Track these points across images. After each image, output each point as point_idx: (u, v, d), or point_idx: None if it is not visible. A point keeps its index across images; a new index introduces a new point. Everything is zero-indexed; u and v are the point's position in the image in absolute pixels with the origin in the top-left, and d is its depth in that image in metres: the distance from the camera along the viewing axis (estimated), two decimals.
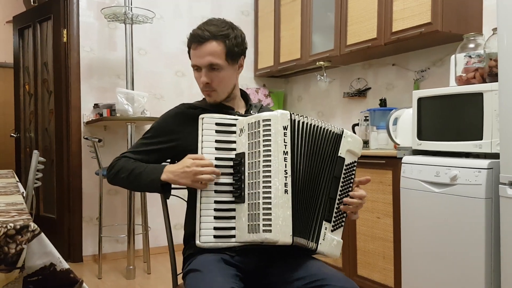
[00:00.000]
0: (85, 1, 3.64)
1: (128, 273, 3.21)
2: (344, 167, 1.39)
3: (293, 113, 1.31)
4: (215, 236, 1.29)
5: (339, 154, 1.37)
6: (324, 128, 1.35)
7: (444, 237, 2.09)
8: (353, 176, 1.41)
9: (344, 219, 1.40)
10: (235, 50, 1.43)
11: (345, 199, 1.38)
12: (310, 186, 1.32)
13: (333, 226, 1.36)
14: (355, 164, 1.42)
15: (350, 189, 1.41)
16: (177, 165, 1.34)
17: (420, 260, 2.22)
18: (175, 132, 1.45)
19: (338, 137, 1.38)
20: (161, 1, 3.92)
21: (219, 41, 1.40)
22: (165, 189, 1.38)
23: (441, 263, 2.12)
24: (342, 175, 1.38)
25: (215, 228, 1.29)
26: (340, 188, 1.38)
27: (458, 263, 2.03)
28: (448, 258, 2.08)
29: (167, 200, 1.50)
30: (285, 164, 1.25)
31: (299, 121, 1.32)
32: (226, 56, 1.41)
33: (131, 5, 3.37)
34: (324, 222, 1.33)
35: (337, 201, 1.37)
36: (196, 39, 1.40)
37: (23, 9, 4.85)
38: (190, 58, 1.46)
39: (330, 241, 1.34)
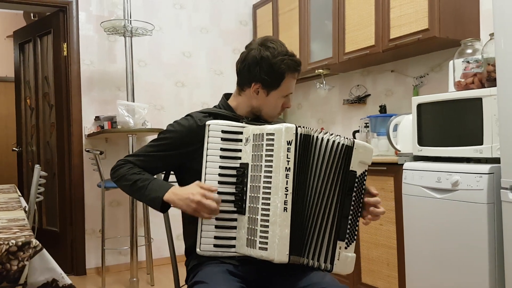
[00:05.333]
0: (84, 15, 3.67)
1: (131, 285, 3.20)
2: (356, 180, 1.33)
3: (299, 126, 1.26)
4: (215, 245, 1.30)
5: (350, 168, 1.31)
6: (333, 141, 1.30)
7: (447, 242, 2.09)
8: (364, 186, 1.36)
9: (356, 232, 1.36)
10: None
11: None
12: (317, 203, 1.28)
13: (346, 243, 1.32)
14: (366, 172, 1.36)
15: (361, 200, 1.36)
16: (183, 189, 1.32)
17: (424, 266, 2.21)
18: (184, 146, 1.42)
19: (349, 150, 1.31)
20: (160, 12, 3.95)
21: None
22: (164, 208, 1.38)
23: (445, 269, 2.11)
24: (354, 189, 1.33)
25: (215, 237, 1.30)
26: (352, 203, 1.33)
27: (462, 268, 2.02)
28: (452, 263, 2.07)
29: (168, 211, 1.50)
30: (286, 181, 1.22)
31: (305, 135, 1.27)
32: None
33: (130, 18, 3.40)
34: (338, 242, 1.30)
35: (350, 218, 1.33)
36: (298, 67, 1.45)
37: (23, 23, 4.89)
38: (279, 82, 1.43)
39: (344, 260, 1.32)
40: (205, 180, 1.32)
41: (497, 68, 1.84)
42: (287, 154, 1.23)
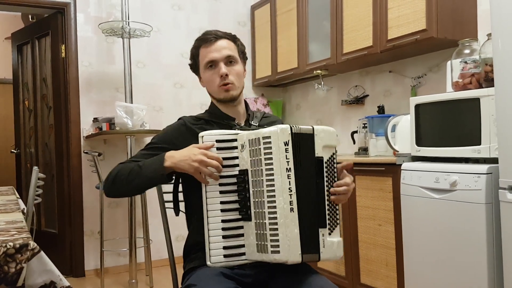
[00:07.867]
0: (82, 16, 3.67)
1: (130, 287, 3.20)
2: (325, 165, 1.33)
3: (293, 126, 1.27)
4: (225, 256, 1.28)
5: (316, 155, 1.31)
6: (298, 133, 1.29)
7: (446, 243, 2.09)
8: (335, 170, 1.36)
9: (338, 216, 1.35)
10: (244, 52, 1.54)
11: (332, 197, 1.32)
12: (309, 199, 1.28)
13: (329, 229, 1.31)
14: (334, 155, 1.36)
15: (335, 181, 1.35)
16: (182, 151, 1.32)
17: (423, 266, 2.21)
18: (175, 145, 1.42)
19: (311, 138, 1.31)
20: (158, 14, 3.95)
21: (229, 40, 1.48)
22: (169, 178, 1.36)
23: (443, 269, 2.11)
24: (326, 175, 1.33)
25: (224, 248, 1.28)
26: (326, 189, 1.33)
27: (460, 268, 2.03)
28: (450, 264, 2.07)
29: (167, 213, 1.50)
30: (289, 182, 1.22)
31: (299, 134, 1.28)
32: (238, 52, 1.50)
33: (128, 19, 3.40)
34: (320, 230, 1.29)
35: (326, 203, 1.32)
36: (208, 39, 1.45)
37: (21, 25, 4.88)
38: (197, 60, 1.50)
39: (330, 246, 1.30)
40: (206, 191, 1.30)
41: (494, 68, 1.84)
42: (286, 155, 1.23)
